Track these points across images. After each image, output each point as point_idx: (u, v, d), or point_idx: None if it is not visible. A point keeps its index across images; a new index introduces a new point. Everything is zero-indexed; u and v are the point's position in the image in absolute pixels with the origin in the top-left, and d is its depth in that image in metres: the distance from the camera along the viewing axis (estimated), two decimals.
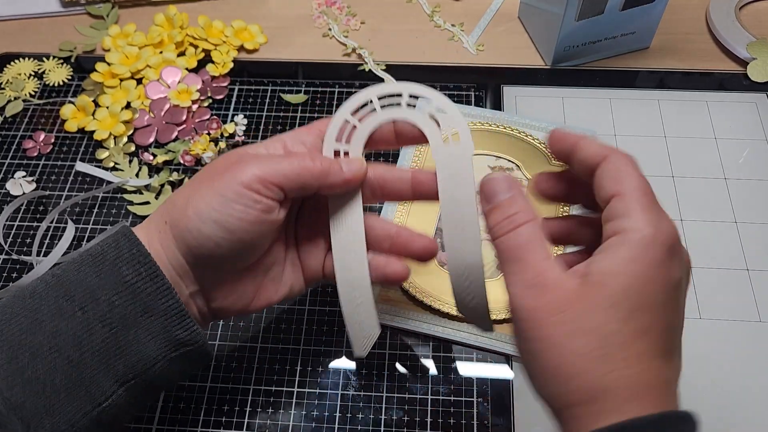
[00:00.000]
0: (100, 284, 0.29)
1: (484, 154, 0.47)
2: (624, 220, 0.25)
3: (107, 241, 0.30)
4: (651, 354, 0.24)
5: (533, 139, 0.47)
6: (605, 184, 0.26)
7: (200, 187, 0.30)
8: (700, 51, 0.54)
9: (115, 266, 0.29)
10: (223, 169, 0.30)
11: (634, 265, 0.24)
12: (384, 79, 0.53)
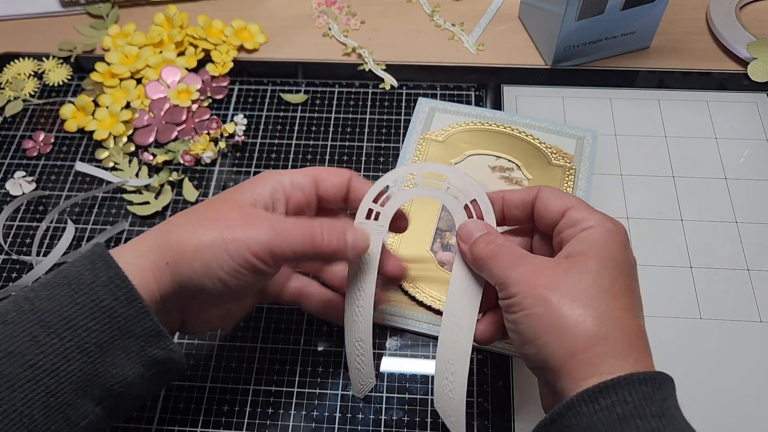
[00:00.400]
0: (77, 310, 0.28)
1: (484, 154, 0.47)
2: (586, 221, 0.30)
3: (82, 262, 0.29)
4: (635, 309, 0.28)
5: (533, 139, 0.47)
6: (551, 206, 0.31)
7: (207, 234, 0.30)
8: (700, 51, 0.54)
9: (92, 291, 0.28)
10: (233, 216, 0.31)
11: (608, 243, 0.29)
12: (384, 79, 0.53)
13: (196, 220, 0.32)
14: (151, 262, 0.30)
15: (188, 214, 0.32)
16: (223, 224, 0.31)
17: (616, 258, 0.29)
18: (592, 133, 0.48)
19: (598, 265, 0.28)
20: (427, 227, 0.44)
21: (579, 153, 0.47)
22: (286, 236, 0.31)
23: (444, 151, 0.47)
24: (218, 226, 0.30)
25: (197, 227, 0.31)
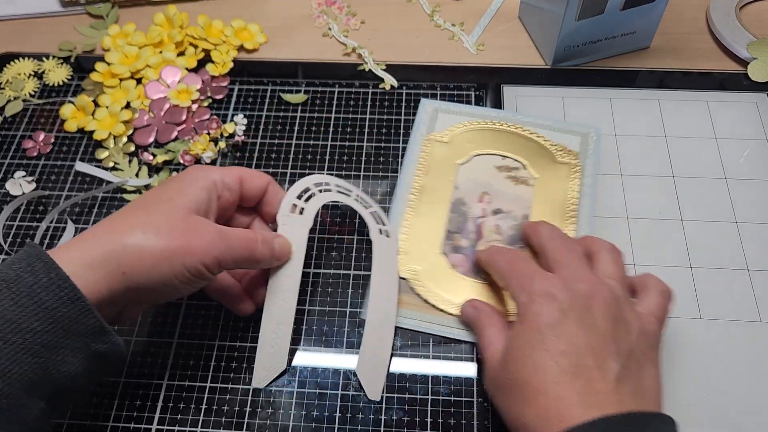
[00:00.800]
0: (20, 313, 0.28)
1: (490, 154, 0.47)
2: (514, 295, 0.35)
3: (20, 265, 0.29)
4: (551, 382, 0.30)
5: (538, 137, 0.47)
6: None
7: (164, 245, 0.32)
8: (700, 51, 0.54)
9: (34, 293, 0.29)
10: (182, 225, 0.33)
11: (518, 327, 0.33)
12: (384, 79, 0.53)
13: (146, 225, 0.32)
14: (106, 271, 0.31)
15: (132, 216, 0.33)
16: (176, 234, 0.33)
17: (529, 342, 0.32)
18: (596, 129, 0.48)
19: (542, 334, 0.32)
20: (436, 230, 0.44)
21: (584, 150, 0.47)
22: (232, 248, 0.34)
23: (449, 152, 0.47)
24: (173, 235, 0.32)
25: (150, 235, 0.32)
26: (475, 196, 0.45)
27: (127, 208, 0.35)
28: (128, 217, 0.33)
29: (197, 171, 0.37)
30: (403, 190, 0.46)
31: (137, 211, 0.34)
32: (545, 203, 0.44)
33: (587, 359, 0.30)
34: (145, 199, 0.35)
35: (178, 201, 0.34)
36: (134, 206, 0.35)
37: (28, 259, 0.30)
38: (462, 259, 0.42)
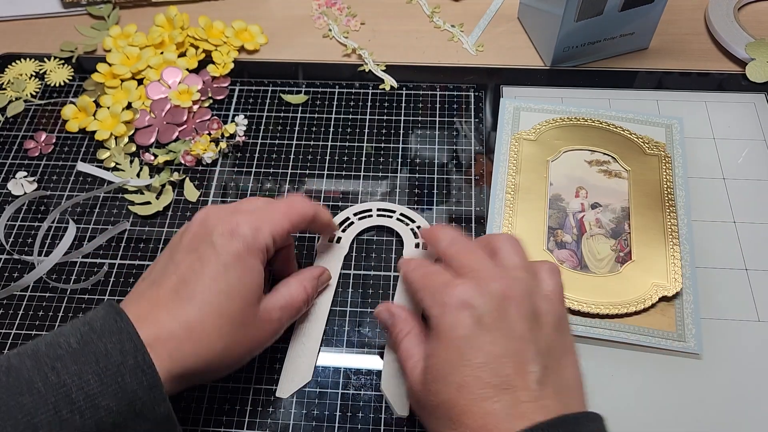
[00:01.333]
0: (102, 390, 0.29)
1: (579, 149, 0.47)
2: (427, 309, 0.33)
3: (111, 340, 0.30)
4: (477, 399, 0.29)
5: (623, 131, 0.48)
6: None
7: (238, 351, 0.33)
8: (698, 51, 0.55)
9: (119, 372, 0.29)
10: (250, 331, 0.34)
11: (434, 343, 0.32)
12: (384, 80, 0.54)
13: (225, 328, 0.32)
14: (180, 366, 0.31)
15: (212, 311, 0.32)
16: (240, 336, 0.33)
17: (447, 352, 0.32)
18: (679, 120, 0.49)
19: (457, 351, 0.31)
20: (538, 228, 0.44)
21: (670, 141, 0.47)
22: (283, 322, 0.37)
23: (538, 150, 0.48)
24: (246, 340, 0.34)
25: (229, 342, 0.33)
26: (571, 191, 0.45)
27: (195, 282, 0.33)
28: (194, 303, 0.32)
29: (251, 241, 0.34)
30: (498, 190, 0.46)
31: (204, 297, 0.32)
32: (642, 195, 0.45)
33: (507, 368, 0.29)
34: (222, 285, 0.33)
35: (247, 296, 0.34)
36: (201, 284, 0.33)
37: (119, 334, 0.30)
38: (568, 254, 0.43)
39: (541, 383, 0.29)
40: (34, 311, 0.43)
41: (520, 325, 0.31)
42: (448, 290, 0.32)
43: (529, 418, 0.28)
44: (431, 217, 0.46)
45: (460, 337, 0.30)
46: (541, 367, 0.30)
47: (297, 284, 0.38)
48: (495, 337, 0.30)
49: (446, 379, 0.30)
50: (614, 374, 0.39)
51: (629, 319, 0.40)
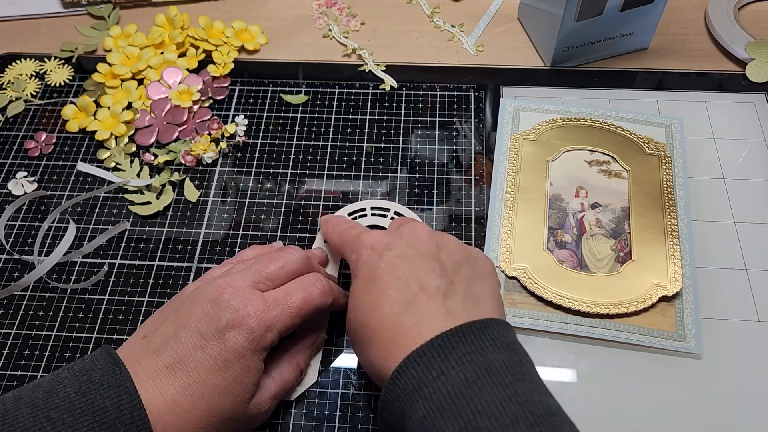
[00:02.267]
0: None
1: (579, 149, 0.47)
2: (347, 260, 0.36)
3: (109, 393, 0.30)
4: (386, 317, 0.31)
5: (623, 131, 0.48)
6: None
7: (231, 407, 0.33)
8: (698, 51, 0.55)
9: (114, 428, 0.29)
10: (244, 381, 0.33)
11: (353, 283, 0.34)
12: (384, 80, 0.54)
13: (212, 421, 0.32)
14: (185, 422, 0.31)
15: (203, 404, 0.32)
16: (234, 428, 0.33)
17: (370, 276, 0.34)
18: (679, 120, 0.49)
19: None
20: (538, 228, 0.44)
21: (670, 141, 0.48)
22: (280, 383, 0.36)
23: (538, 150, 0.48)
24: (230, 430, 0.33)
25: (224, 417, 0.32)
26: (571, 191, 0.46)
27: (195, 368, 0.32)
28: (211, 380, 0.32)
29: (258, 339, 0.33)
30: (498, 190, 0.46)
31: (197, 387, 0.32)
32: (642, 195, 0.45)
33: (413, 285, 0.32)
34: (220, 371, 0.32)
35: (241, 394, 0.33)
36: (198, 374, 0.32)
37: (119, 389, 0.30)
38: (568, 254, 0.43)
39: (446, 296, 0.31)
40: (34, 311, 0.43)
41: (426, 250, 0.33)
42: (361, 238, 0.35)
43: (435, 327, 0.29)
44: (431, 217, 0.46)
45: (372, 268, 0.33)
46: (446, 283, 0.32)
47: (289, 365, 0.37)
48: (402, 262, 0.33)
49: (361, 305, 0.32)
50: (614, 374, 0.39)
51: (629, 319, 0.40)
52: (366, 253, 0.34)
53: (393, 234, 0.35)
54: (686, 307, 0.40)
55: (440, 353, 0.29)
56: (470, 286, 0.33)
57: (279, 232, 0.46)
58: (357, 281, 0.34)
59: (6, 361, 0.41)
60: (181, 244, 0.45)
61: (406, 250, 0.33)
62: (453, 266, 0.33)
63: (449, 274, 0.32)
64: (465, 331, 0.29)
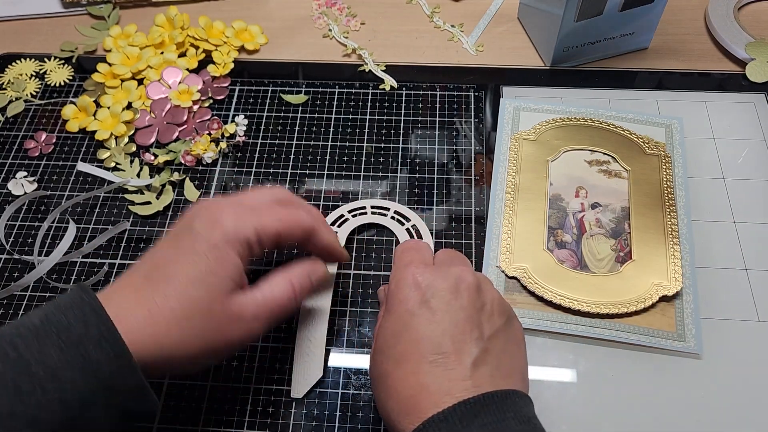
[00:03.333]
0: (64, 364, 0.28)
1: (579, 149, 0.47)
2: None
3: (73, 312, 0.29)
4: (411, 372, 0.30)
5: (623, 131, 0.48)
6: None
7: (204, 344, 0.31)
8: (698, 51, 0.55)
9: (81, 345, 0.28)
10: (221, 325, 0.32)
11: (386, 316, 0.33)
12: (384, 80, 0.54)
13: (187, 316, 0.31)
14: (150, 332, 0.30)
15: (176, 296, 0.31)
16: (215, 328, 0.32)
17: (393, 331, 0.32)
18: (679, 120, 0.49)
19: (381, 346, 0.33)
20: (538, 227, 0.44)
21: (670, 141, 0.48)
22: (270, 320, 0.34)
23: (538, 150, 0.48)
24: (209, 333, 0.31)
25: (188, 332, 0.31)
26: (571, 191, 0.46)
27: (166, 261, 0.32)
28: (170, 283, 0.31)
29: (231, 231, 0.33)
30: (498, 190, 0.46)
31: (171, 283, 0.31)
32: (642, 195, 0.45)
33: (446, 346, 0.30)
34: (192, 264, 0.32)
35: (215, 285, 0.32)
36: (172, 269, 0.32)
37: (82, 307, 0.29)
38: (568, 254, 0.43)
39: (476, 365, 0.30)
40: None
41: (470, 308, 0.31)
42: (408, 270, 0.33)
43: (456, 396, 0.29)
44: (431, 217, 0.46)
45: (407, 311, 0.31)
46: (480, 350, 0.30)
47: (282, 280, 0.35)
48: (441, 316, 0.31)
49: (389, 351, 0.31)
50: (614, 374, 0.39)
51: (629, 319, 0.40)
52: (407, 289, 0.32)
53: (439, 274, 0.33)
54: (686, 307, 0.40)
55: (462, 421, 0.28)
56: (502, 356, 0.31)
57: None
58: (390, 318, 0.32)
59: None
60: None
61: (450, 302, 0.31)
62: (490, 330, 0.32)
63: (485, 340, 0.31)
64: (488, 400, 0.29)
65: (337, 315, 0.42)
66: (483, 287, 0.33)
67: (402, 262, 0.34)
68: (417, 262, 0.34)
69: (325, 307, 0.40)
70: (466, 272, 0.33)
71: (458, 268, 0.33)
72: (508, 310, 0.34)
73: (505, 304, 0.34)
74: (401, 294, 0.32)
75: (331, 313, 0.41)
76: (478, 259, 0.44)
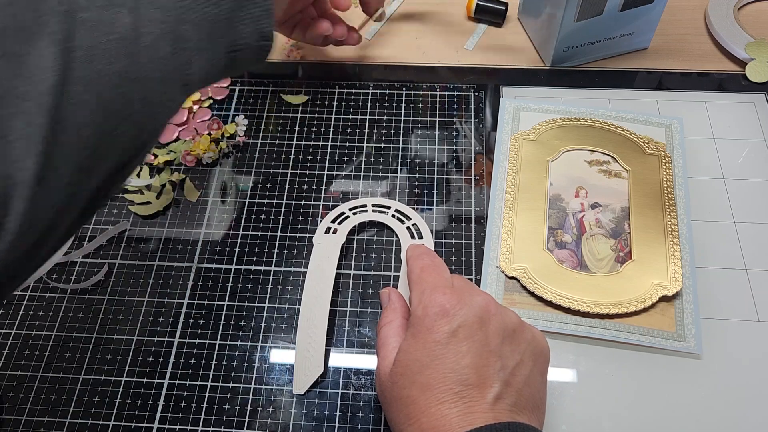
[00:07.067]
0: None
1: (579, 149, 0.47)
2: (412, 305, 0.34)
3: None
4: (435, 401, 0.30)
5: (623, 131, 0.48)
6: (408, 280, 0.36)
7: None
8: (698, 51, 0.55)
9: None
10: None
11: (410, 340, 0.32)
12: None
13: None
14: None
15: None
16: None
17: (415, 358, 0.32)
18: (679, 120, 0.49)
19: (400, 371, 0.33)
20: (538, 227, 0.44)
21: (670, 141, 0.48)
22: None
23: (538, 150, 0.48)
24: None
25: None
26: (571, 191, 0.46)
27: None
28: None
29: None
30: (498, 190, 0.46)
31: None
32: (642, 195, 0.45)
33: (471, 378, 0.30)
34: None
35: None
36: None
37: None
38: (568, 254, 0.43)
39: (498, 398, 0.30)
40: (34, 311, 0.43)
41: (495, 339, 0.32)
42: (435, 295, 0.33)
43: (477, 425, 0.29)
44: (431, 217, 0.46)
45: (434, 342, 0.31)
46: (502, 383, 0.30)
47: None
48: (467, 347, 0.31)
49: (414, 377, 0.31)
50: (614, 374, 0.39)
51: (629, 319, 0.40)
52: (433, 313, 0.32)
53: (466, 303, 0.32)
54: (686, 307, 0.40)
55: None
56: (523, 389, 0.31)
57: (279, 231, 0.46)
58: (416, 344, 0.32)
59: (6, 361, 0.41)
60: (181, 244, 0.45)
61: (476, 331, 0.31)
62: (514, 363, 0.32)
63: (508, 374, 0.31)
64: (491, 429, 0.29)
65: (337, 315, 0.42)
66: (504, 314, 0.33)
67: (426, 283, 0.34)
68: (442, 286, 0.33)
69: (325, 304, 0.40)
70: (489, 300, 0.33)
71: (481, 298, 0.33)
72: (528, 338, 0.33)
73: (527, 327, 0.34)
74: (429, 321, 0.32)
75: (330, 313, 0.41)
76: (478, 259, 0.44)
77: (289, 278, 0.43)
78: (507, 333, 0.32)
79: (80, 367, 0.40)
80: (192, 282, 0.44)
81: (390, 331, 0.35)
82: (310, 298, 0.41)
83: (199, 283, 0.43)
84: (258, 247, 0.45)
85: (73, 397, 0.39)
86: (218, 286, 0.43)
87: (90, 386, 0.40)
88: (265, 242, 0.45)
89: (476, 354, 0.31)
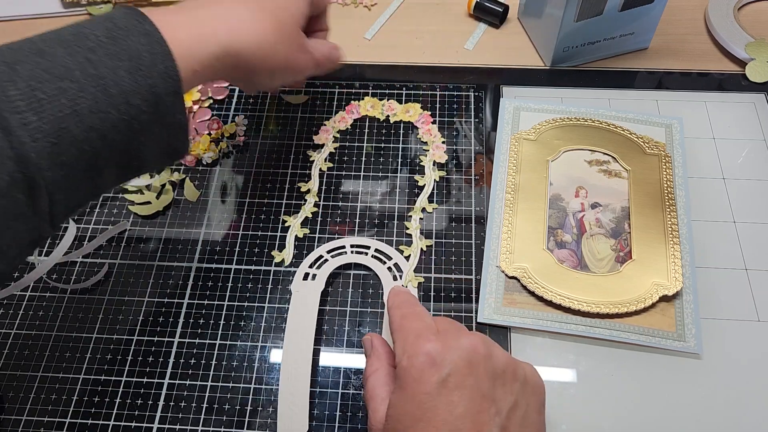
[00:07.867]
0: (134, 89, 0.29)
1: (579, 149, 0.47)
2: (396, 355, 0.32)
3: (140, 41, 0.30)
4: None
5: (623, 131, 0.48)
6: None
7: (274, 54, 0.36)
8: (698, 51, 0.55)
9: (150, 76, 0.30)
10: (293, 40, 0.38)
11: (398, 393, 0.31)
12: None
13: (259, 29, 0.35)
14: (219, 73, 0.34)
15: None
16: (285, 49, 0.37)
17: (405, 411, 0.31)
18: (679, 120, 0.49)
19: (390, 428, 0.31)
20: (538, 227, 0.44)
21: (670, 141, 0.48)
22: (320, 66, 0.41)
23: (538, 150, 0.48)
24: (283, 51, 0.37)
25: (264, 45, 0.35)
26: (571, 191, 0.46)
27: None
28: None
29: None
30: (498, 190, 0.46)
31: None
32: (642, 195, 0.45)
33: (466, 427, 0.29)
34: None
35: (291, 10, 0.38)
36: None
37: (148, 37, 0.30)
38: (568, 254, 0.43)
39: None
40: (34, 311, 0.43)
41: (486, 382, 0.30)
42: (419, 343, 0.31)
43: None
44: (431, 217, 0.46)
45: (424, 393, 0.30)
46: (499, 429, 0.30)
47: (321, 44, 0.42)
48: (459, 396, 0.30)
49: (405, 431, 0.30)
50: (614, 374, 0.39)
51: (629, 318, 0.40)
52: (419, 363, 0.30)
53: (453, 347, 0.31)
54: (686, 307, 0.40)
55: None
56: (521, 426, 0.31)
57: (279, 232, 0.46)
58: (404, 398, 0.30)
59: (6, 361, 0.41)
60: (181, 244, 0.45)
61: (466, 377, 0.30)
62: (508, 405, 0.31)
63: (503, 418, 0.30)
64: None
65: (337, 315, 0.42)
66: (493, 354, 0.32)
67: (408, 330, 0.32)
68: (426, 332, 0.32)
69: (306, 357, 0.39)
70: (476, 342, 0.31)
71: (467, 339, 0.31)
72: (519, 375, 0.32)
73: (518, 364, 0.33)
74: (415, 371, 0.30)
75: (330, 313, 0.41)
76: (478, 258, 0.44)
77: (289, 278, 0.43)
78: (498, 374, 0.31)
79: (80, 367, 0.40)
80: (192, 282, 0.44)
81: (377, 381, 0.34)
82: (291, 355, 0.39)
83: (199, 283, 0.43)
84: (258, 247, 0.45)
85: (73, 397, 0.39)
86: (218, 286, 0.43)
87: (90, 386, 0.40)
88: (265, 242, 0.45)
89: (469, 401, 0.30)
